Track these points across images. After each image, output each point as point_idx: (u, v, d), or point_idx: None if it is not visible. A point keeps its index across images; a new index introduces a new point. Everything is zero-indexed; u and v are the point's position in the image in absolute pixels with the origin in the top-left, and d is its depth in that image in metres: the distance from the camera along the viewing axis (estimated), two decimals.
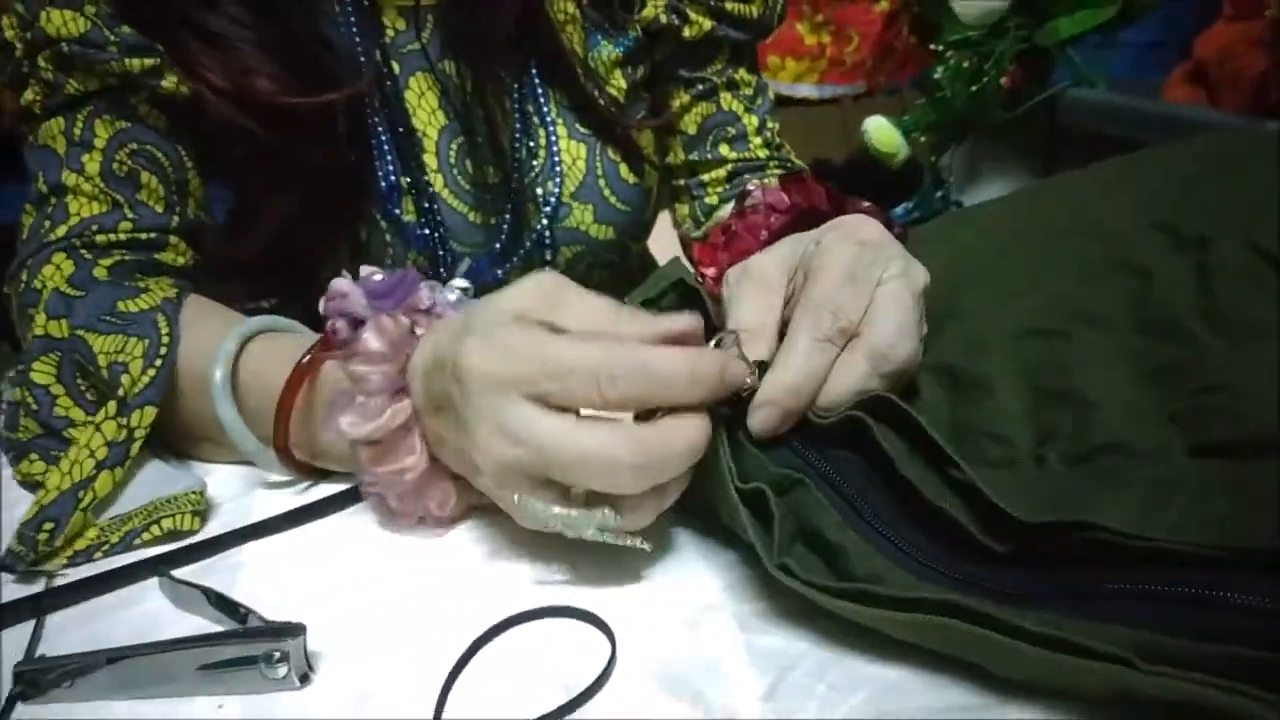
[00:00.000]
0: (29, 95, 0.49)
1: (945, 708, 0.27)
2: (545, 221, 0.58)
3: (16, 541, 0.36)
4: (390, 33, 0.55)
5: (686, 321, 0.33)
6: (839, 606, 0.29)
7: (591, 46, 0.59)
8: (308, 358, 0.37)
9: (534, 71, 0.57)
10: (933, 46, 1.28)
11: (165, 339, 0.41)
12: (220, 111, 0.48)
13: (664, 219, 0.72)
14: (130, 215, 0.48)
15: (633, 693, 0.28)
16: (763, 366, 0.34)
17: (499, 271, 0.58)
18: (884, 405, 0.32)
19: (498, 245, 0.57)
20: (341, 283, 0.36)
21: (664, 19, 0.58)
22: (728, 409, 0.34)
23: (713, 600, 0.32)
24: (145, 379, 0.40)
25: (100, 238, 0.47)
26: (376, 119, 0.54)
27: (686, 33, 0.60)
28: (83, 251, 0.47)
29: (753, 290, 0.36)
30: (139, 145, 0.49)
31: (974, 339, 0.38)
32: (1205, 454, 0.31)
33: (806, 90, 1.99)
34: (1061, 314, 0.38)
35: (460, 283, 0.39)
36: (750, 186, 0.47)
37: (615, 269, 0.63)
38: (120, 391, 0.40)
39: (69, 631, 0.32)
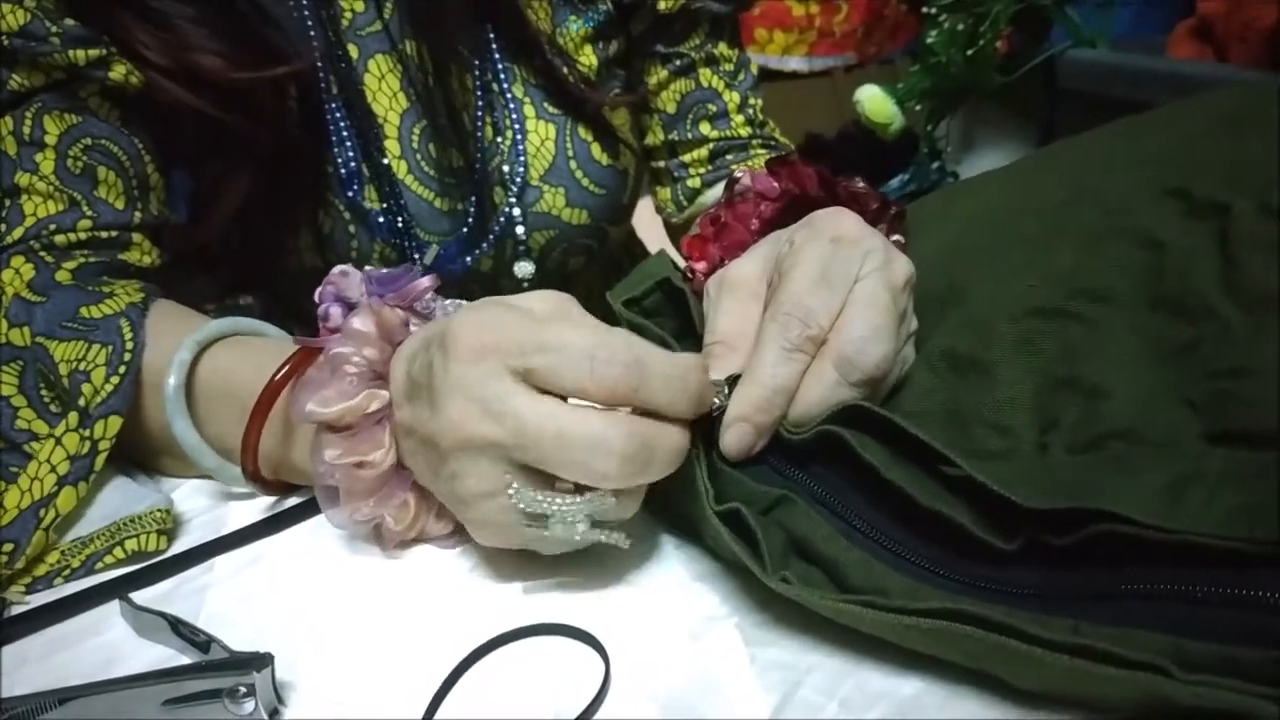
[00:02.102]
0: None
1: None
2: (512, 205, 0.56)
3: None
4: (348, 15, 0.54)
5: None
6: (845, 613, 0.27)
7: (559, 23, 0.57)
8: (281, 373, 0.35)
9: (497, 49, 0.56)
10: (925, 10, 1.25)
11: (129, 344, 0.39)
12: (169, 94, 0.47)
13: (646, 203, 0.70)
14: (89, 213, 0.46)
15: (631, 715, 0.27)
16: (737, 381, 0.33)
17: (467, 259, 0.57)
18: (860, 411, 0.31)
19: (464, 230, 0.56)
20: (343, 266, 0.36)
21: None
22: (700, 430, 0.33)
23: (713, 611, 0.31)
24: (109, 388, 0.38)
25: (59, 238, 0.45)
26: (334, 104, 0.53)
27: (662, 5, 0.58)
28: (42, 254, 0.45)
29: (730, 299, 0.35)
30: (93, 140, 0.47)
31: (975, 322, 0.36)
32: (1224, 441, 0.29)
33: (796, 63, 1.96)
34: (1065, 292, 0.36)
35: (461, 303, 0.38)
36: (738, 173, 0.46)
37: (593, 254, 0.62)
38: (82, 402, 0.38)
39: (25, 665, 0.31)
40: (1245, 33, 1.11)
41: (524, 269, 0.58)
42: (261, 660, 0.27)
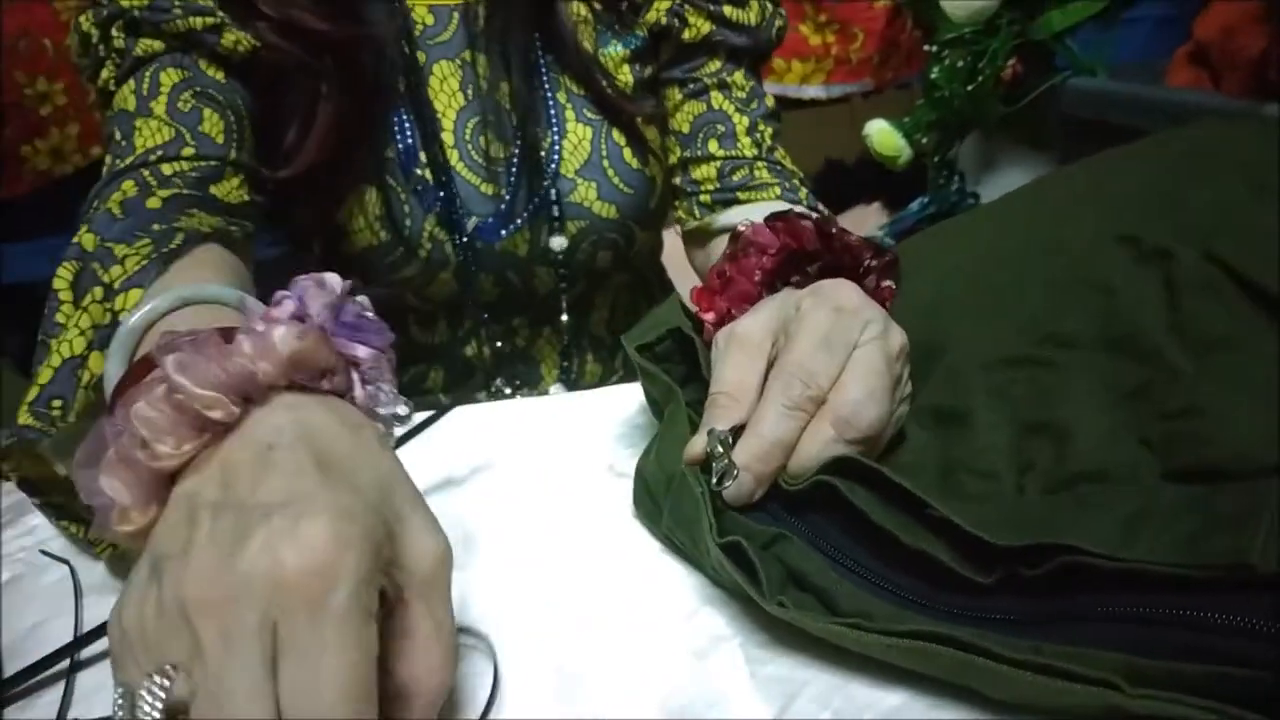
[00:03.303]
0: (105, 75, 0.55)
1: None
2: (549, 189, 0.64)
3: (30, 417, 0.36)
4: (420, 26, 0.64)
5: None
6: (835, 633, 0.31)
7: (602, 45, 0.66)
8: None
9: (545, 62, 0.65)
10: (926, 47, 1.29)
11: (176, 241, 0.43)
12: (269, 40, 0.55)
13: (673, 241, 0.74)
14: (191, 142, 0.53)
15: None
16: (739, 431, 0.36)
17: (502, 232, 0.65)
18: (851, 463, 0.34)
19: (502, 207, 0.64)
20: (329, 276, 0.33)
21: (665, 21, 0.65)
22: (707, 477, 0.36)
23: (719, 632, 0.34)
24: (135, 267, 0.42)
25: (165, 167, 0.51)
26: (400, 104, 0.62)
27: (686, 35, 0.66)
28: (148, 179, 0.50)
29: (737, 354, 0.39)
30: (201, 89, 0.55)
31: (954, 373, 0.40)
32: (1177, 478, 0.32)
33: (814, 91, 2.00)
34: (1033, 338, 0.39)
35: (401, 410, 0.34)
36: (740, 227, 0.49)
37: (619, 253, 0.69)
38: (107, 279, 0.41)
39: (98, 693, 0.34)
40: (1235, 60, 1.14)
41: (558, 242, 0.66)
42: None
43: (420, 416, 0.47)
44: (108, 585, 0.41)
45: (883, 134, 1.35)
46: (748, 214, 0.56)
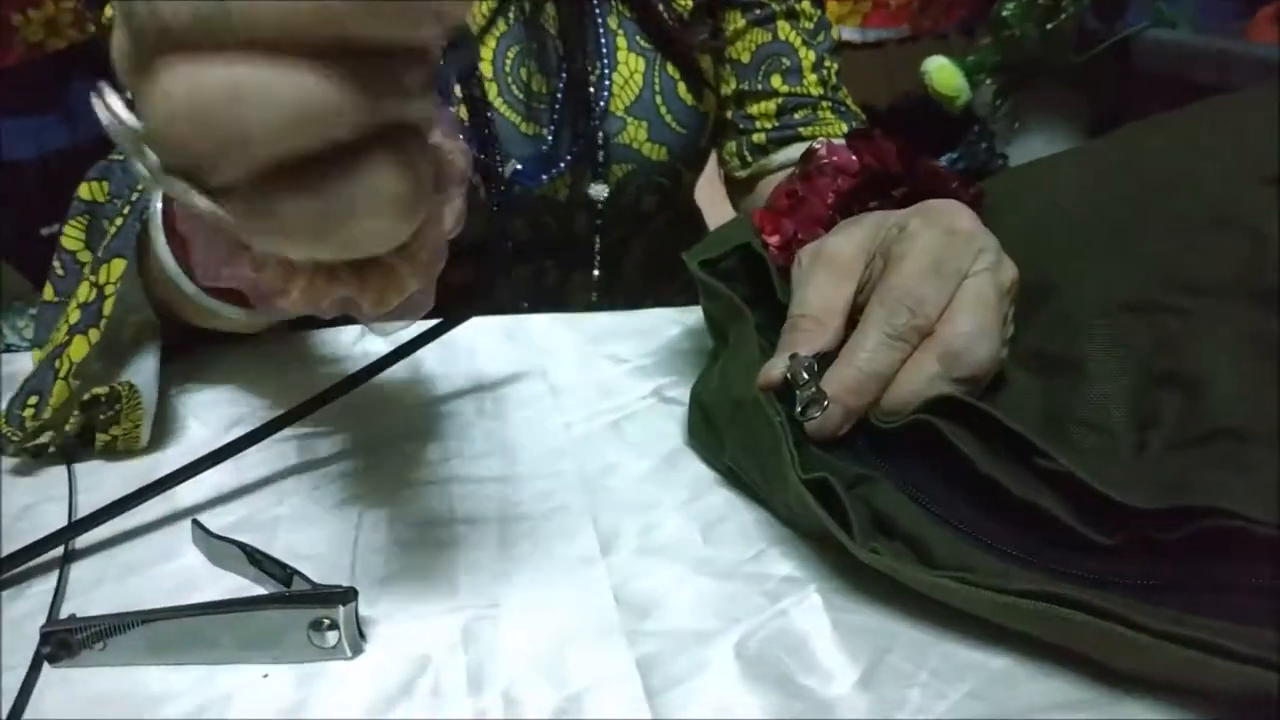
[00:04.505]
0: (109, 10, 0.51)
1: (1056, 703, 0.27)
2: (594, 130, 0.58)
3: (4, 423, 0.36)
4: None
5: None
6: (938, 587, 0.28)
7: None
8: None
9: None
10: None
11: (138, 189, 0.41)
12: None
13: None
14: None
15: (716, 673, 0.27)
16: (825, 359, 0.33)
17: (543, 177, 0.59)
18: (954, 403, 0.31)
19: (544, 149, 0.58)
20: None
21: None
22: (785, 406, 0.33)
23: (792, 574, 0.31)
24: (113, 230, 0.40)
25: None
26: None
27: None
28: None
29: (824, 273, 0.35)
30: None
31: (1064, 318, 0.36)
32: None
33: (849, 33, 1.92)
34: (1161, 284, 0.36)
35: None
36: (816, 145, 0.45)
37: (666, 194, 0.63)
38: (99, 251, 0.40)
39: (98, 587, 0.31)
40: None
41: (598, 191, 0.60)
42: (347, 594, 0.28)
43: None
44: (103, 468, 0.38)
45: (943, 71, 1.29)
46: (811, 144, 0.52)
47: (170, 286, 0.38)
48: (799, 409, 0.33)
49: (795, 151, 0.62)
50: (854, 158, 0.48)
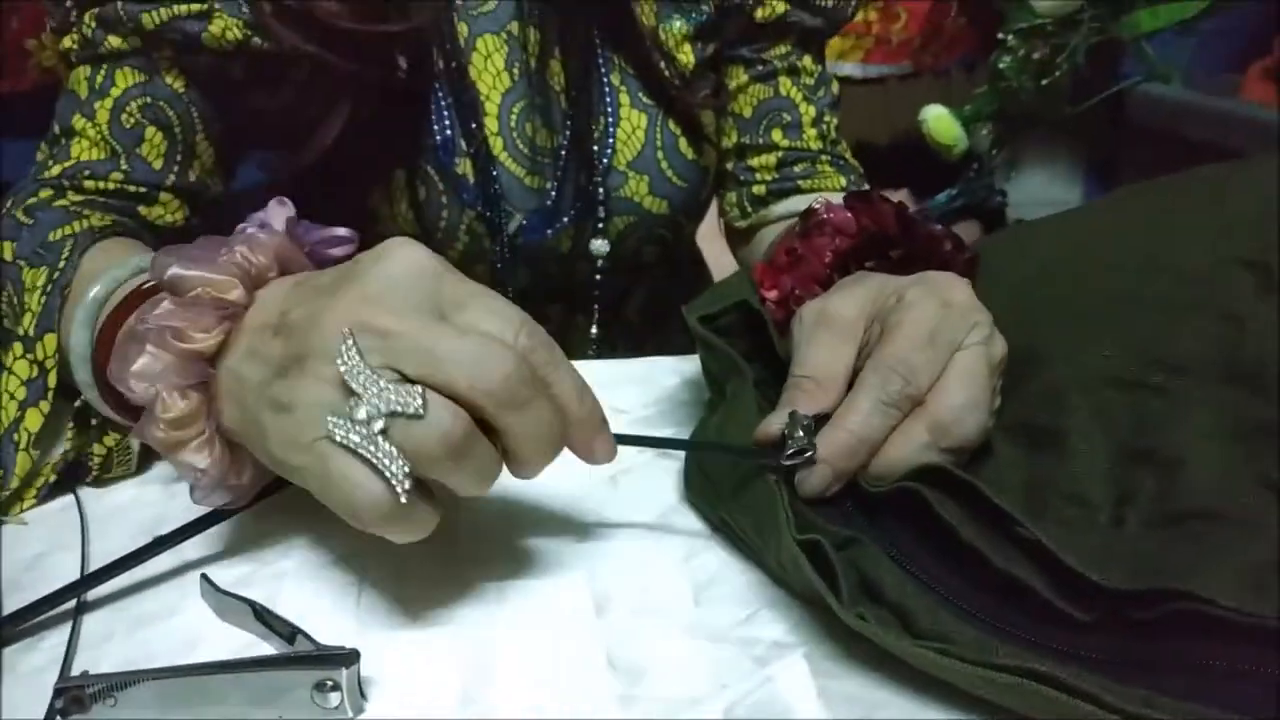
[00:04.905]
0: (67, 42, 0.52)
1: None
2: (597, 186, 0.59)
3: None
4: None
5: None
6: (919, 656, 0.29)
7: (663, 19, 0.60)
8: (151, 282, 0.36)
9: (600, 38, 0.59)
10: (1000, 36, 1.25)
11: (62, 262, 0.43)
12: (279, 35, 0.50)
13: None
14: (124, 167, 0.51)
15: None
16: (821, 420, 0.34)
17: (548, 232, 0.60)
18: (940, 472, 0.32)
19: (548, 204, 0.59)
20: (284, 204, 0.37)
21: None
22: (779, 464, 0.34)
23: (783, 638, 0.32)
24: (38, 307, 0.42)
25: (89, 183, 0.50)
26: (438, 83, 0.56)
27: (759, 14, 0.61)
28: (68, 191, 0.50)
29: (826, 335, 0.37)
30: (152, 100, 0.52)
31: (1051, 390, 0.38)
32: None
33: (850, 69, 1.95)
34: (1144, 362, 0.37)
35: None
36: (815, 203, 0.47)
37: (666, 246, 0.65)
38: (21, 330, 0.41)
39: (109, 641, 0.32)
40: None
41: (599, 247, 0.61)
42: (349, 657, 0.29)
43: None
44: (116, 514, 0.39)
45: (940, 121, 1.31)
46: (808, 203, 0.54)
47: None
48: (787, 454, 0.34)
49: (794, 204, 0.63)
50: (853, 220, 0.50)
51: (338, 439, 0.28)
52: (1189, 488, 0.32)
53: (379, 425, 0.28)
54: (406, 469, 0.28)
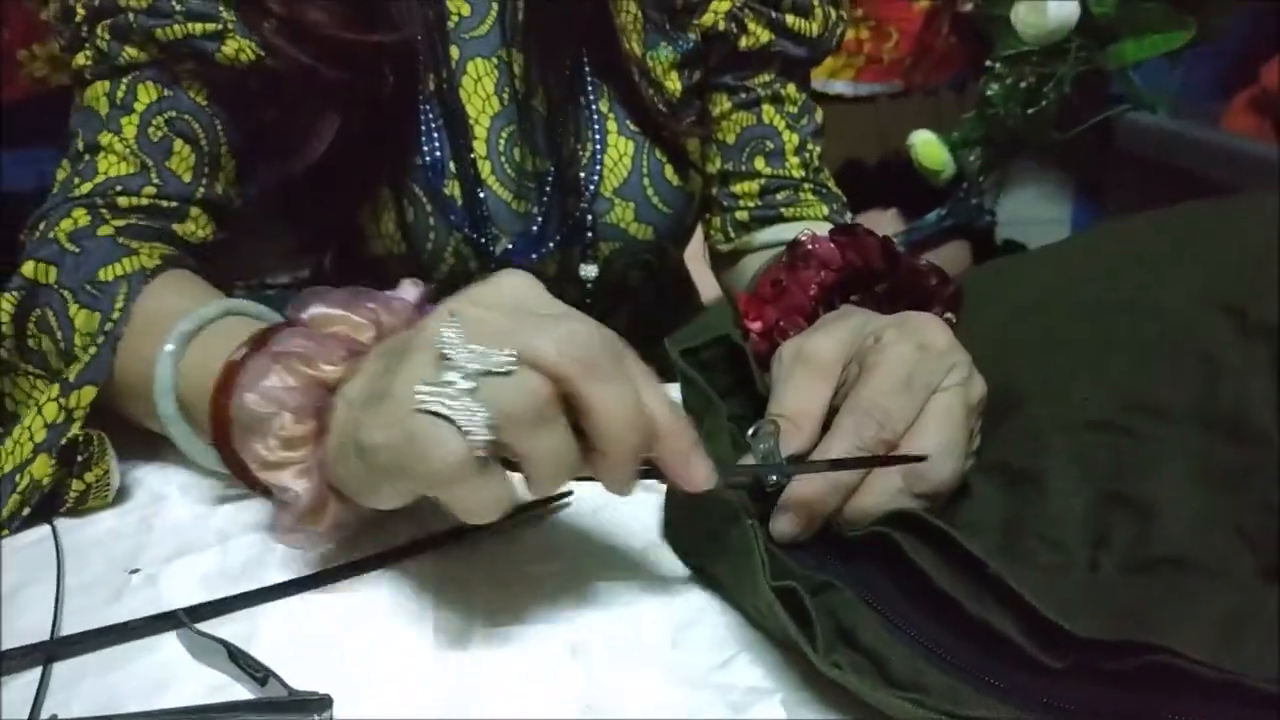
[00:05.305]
0: (80, 60, 0.52)
1: None
2: (583, 212, 0.60)
3: None
4: (455, 17, 0.58)
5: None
6: (894, 706, 0.29)
7: (650, 47, 0.61)
8: (242, 352, 0.36)
9: (589, 67, 0.60)
10: (987, 64, 1.26)
11: (116, 313, 0.43)
12: (279, 52, 0.50)
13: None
14: (155, 180, 0.51)
15: None
16: (797, 460, 0.34)
17: (533, 255, 0.60)
18: (914, 519, 0.32)
19: (534, 229, 0.60)
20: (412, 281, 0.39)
21: (722, 26, 0.61)
22: (755, 505, 0.35)
23: (757, 684, 0.32)
24: (87, 357, 0.42)
25: (122, 200, 0.50)
26: (428, 98, 0.57)
27: (743, 43, 0.61)
28: (103, 210, 0.50)
29: (804, 375, 0.37)
30: (177, 114, 0.52)
31: (1028, 430, 0.38)
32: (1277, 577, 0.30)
33: (841, 87, 1.96)
34: (1121, 405, 0.37)
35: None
36: (802, 235, 0.47)
37: (652, 271, 0.65)
38: (64, 374, 0.42)
39: (78, 683, 0.32)
40: None
41: (588, 271, 0.62)
42: (321, 703, 0.29)
43: None
44: (90, 548, 0.39)
45: (928, 146, 1.32)
46: (791, 231, 0.54)
47: (134, 392, 0.42)
48: (757, 458, 0.34)
49: (777, 232, 0.64)
50: (838, 254, 0.50)
51: (426, 404, 0.29)
52: (1163, 534, 0.32)
53: (469, 385, 0.29)
54: (489, 421, 0.29)
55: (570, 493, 0.41)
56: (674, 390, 0.51)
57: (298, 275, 0.62)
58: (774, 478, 0.35)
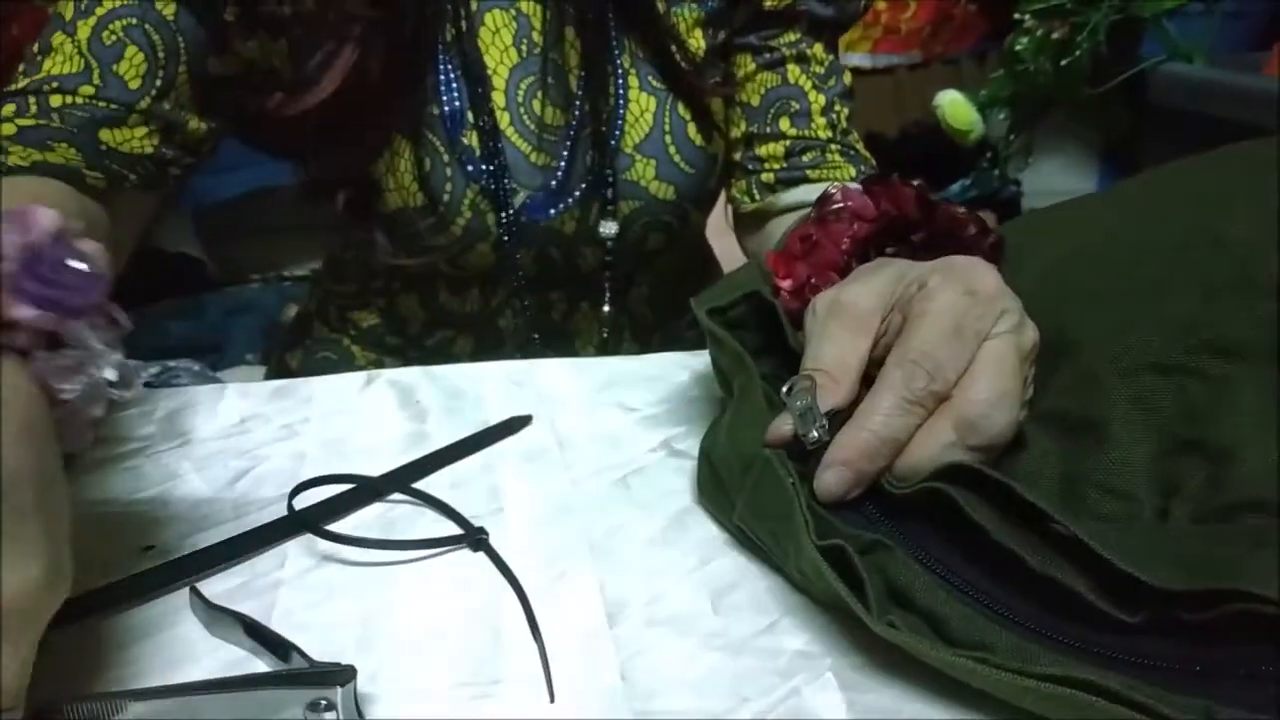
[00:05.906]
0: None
1: None
2: (603, 167, 0.58)
3: None
4: None
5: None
6: (957, 666, 0.27)
7: (675, 3, 0.59)
8: None
9: (612, 19, 0.58)
10: (1015, 16, 1.21)
11: None
12: None
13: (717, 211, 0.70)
14: (96, 82, 0.49)
15: None
16: (836, 416, 0.32)
17: (551, 211, 0.59)
18: (969, 471, 0.30)
19: (553, 183, 0.58)
20: (45, 214, 0.28)
21: None
22: (796, 464, 0.33)
23: (807, 648, 0.30)
24: None
25: (55, 98, 0.49)
26: (446, 54, 0.56)
27: (768, 1, 0.60)
28: (30, 104, 0.48)
29: (839, 327, 0.35)
30: (138, 21, 0.50)
31: (1085, 377, 0.35)
32: None
33: (859, 59, 1.93)
34: (1187, 346, 0.35)
35: (110, 375, 0.29)
36: (831, 189, 0.45)
37: (673, 233, 0.64)
38: None
39: (97, 658, 0.30)
40: None
41: (608, 228, 0.60)
42: (345, 674, 0.27)
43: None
44: (93, 527, 0.38)
45: (955, 106, 1.28)
46: (817, 192, 0.52)
47: None
48: (801, 434, 0.33)
49: (802, 193, 0.62)
50: (871, 203, 0.48)
51: None
52: (1241, 478, 0.30)
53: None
54: None
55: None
56: (702, 354, 0.50)
57: (313, 267, 0.61)
58: (815, 434, 0.33)
